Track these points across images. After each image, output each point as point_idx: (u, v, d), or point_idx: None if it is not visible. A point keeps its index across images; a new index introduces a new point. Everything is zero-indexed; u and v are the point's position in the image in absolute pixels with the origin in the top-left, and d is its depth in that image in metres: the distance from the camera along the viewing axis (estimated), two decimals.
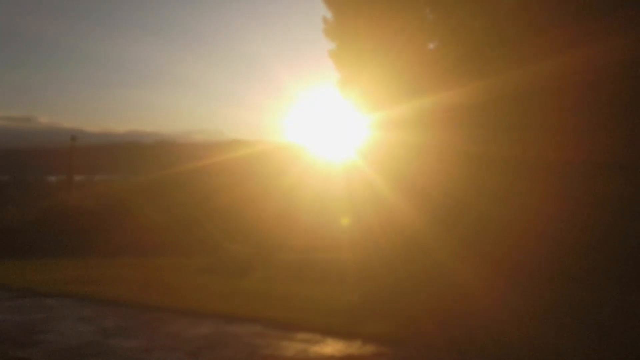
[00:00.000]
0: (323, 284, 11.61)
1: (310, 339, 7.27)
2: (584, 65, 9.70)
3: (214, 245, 17.23)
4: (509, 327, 7.55)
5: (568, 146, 10.13)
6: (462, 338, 7.10)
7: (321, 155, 17.18)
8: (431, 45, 11.36)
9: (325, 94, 15.74)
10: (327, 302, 9.73)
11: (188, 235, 18.85)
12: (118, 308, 9.48)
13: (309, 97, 17.88)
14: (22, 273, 14.37)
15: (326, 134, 16.28)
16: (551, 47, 9.86)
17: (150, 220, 19.69)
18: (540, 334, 7.22)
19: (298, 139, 20.93)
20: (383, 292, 10.39)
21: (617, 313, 8.39)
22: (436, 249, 11.29)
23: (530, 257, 10.48)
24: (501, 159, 10.67)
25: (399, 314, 8.65)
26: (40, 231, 21.47)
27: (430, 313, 8.62)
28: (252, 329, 7.83)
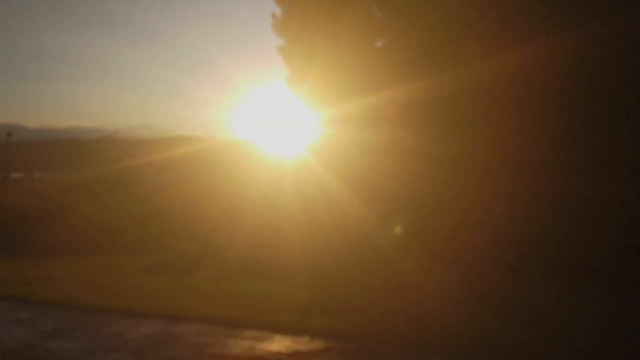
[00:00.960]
0: (271, 281, 11.59)
1: (257, 336, 7.25)
2: (527, 64, 10.07)
3: (159, 243, 16.89)
4: (454, 320, 7.76)
5: (511, 144, 10.49)
6: (409, 332, 7.25)
7: (270, 152, 17.13)
8: (379, 43, 11.52)
9: (274, 90, 15.70)
10: (275, 299, 9.73)
11: (132, 233, 18.40)
12: (57, 310, 9.15)
13: (258, 93, 17.79)
14: None
15: (275, 130, 16.24)
16: (496, 46, 10.18)
17: (92, 219, 19.10)
18: (484, 326, 7.46)
19: (247, 136, 20.78)
20: (332, 288, 10.48)
21: (554, 304, 8.78)
22: (385, 245, 11.47)
23: (475, 252, 10.80)
24: (448, 157, 10.94)
25: (347, 310, 8.74)
26: None
27: (379, 308, 8.76)
28: (198, 328, 7.74)
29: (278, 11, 12.13)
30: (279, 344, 6.94)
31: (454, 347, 6.63)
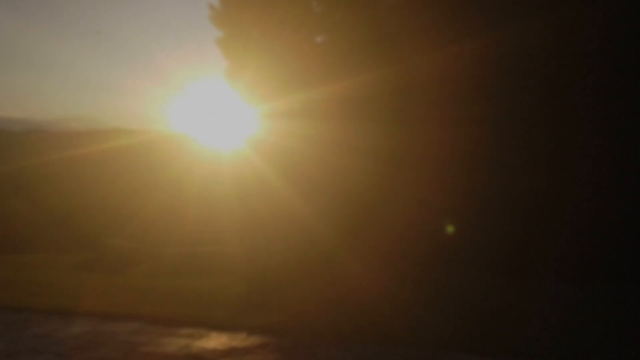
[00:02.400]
0: (209, 278, 11.44)
1: (193, 333, 7.14)
2: (462, 60, 10.36)
3: (91, 240, 16.31)
4: (392, 313, 7.93)
5: (446, 139, 10.79)
6: (348, 326, 7.35)
7: (209, 146, 16.85)
8: (318, 38, 11.56)
9: (213, 83, 15.43)
10: (212, 296, 9.62)
11: (63, 229, 17.66)
12: None
13: (196, 86, 17.43)
14: None
15: (214, 124, 15.99)
16: (433, 42, 10.43)
17: (20, 215, 18.21)
18: (420, 318, 7.66)
19: (184, 129, 20.34)
20: (271, 284, 10.46)
21: (484, 295, 9.15)
22: (325, 239, 11.56)
23: (412, 246, 11.06)
24: (386, 152, 11.13)
25: (286, 305, 8.76)
26: None
27: (319, 303, 8.82)
28: (131, 326, 7.53)
29: (216, 2, 11.93)
30: (215, 341, 6.86)
31: (390, 338, 6.78)
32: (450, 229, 11.16)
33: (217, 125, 15.32)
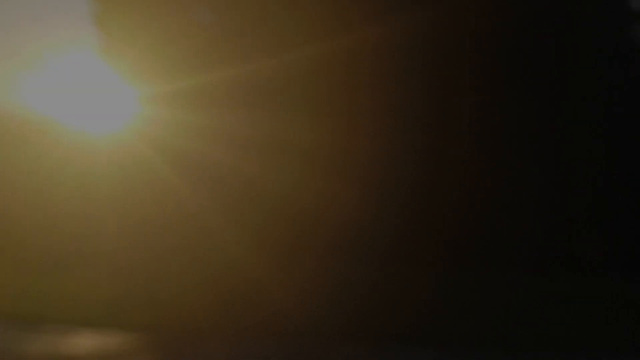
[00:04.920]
0: (81, 275, 11.05)
1: (60, 331, 6.99)
2: (359, 47, 10.78)
3: None
4: (286, 306, 8.13)
5: (344, 129, 11.21)
6: (234, 321, 7.52)
7: (78, 131, 16.07)
8: (207, 19, 11.55)
9: (88, 61, 14.78)
10: (84, 294, 9.34)
11: None
12: None
13: (65, 62, 16.50)
14: None
15: (86, 106, 15.30)
16: (327, 29, 10.76)
17: None
18: (315, 309, 7.98)
19: (47, 111, 19.11)
20: (154, 281, 10.30)
21: (397, 286, 9.71)
22: (219, 233, 11.54)
23: (314, 238, 11.38)
24: (280, 141, 11.35)
25: (168, 303, 8.70)
26: None
27: (205, 299, 8.86)
28: None
29: None
30: (84, 339, 6.76)
31: (274, 332, 7.04)
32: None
33: (90, 108, 14.69)
